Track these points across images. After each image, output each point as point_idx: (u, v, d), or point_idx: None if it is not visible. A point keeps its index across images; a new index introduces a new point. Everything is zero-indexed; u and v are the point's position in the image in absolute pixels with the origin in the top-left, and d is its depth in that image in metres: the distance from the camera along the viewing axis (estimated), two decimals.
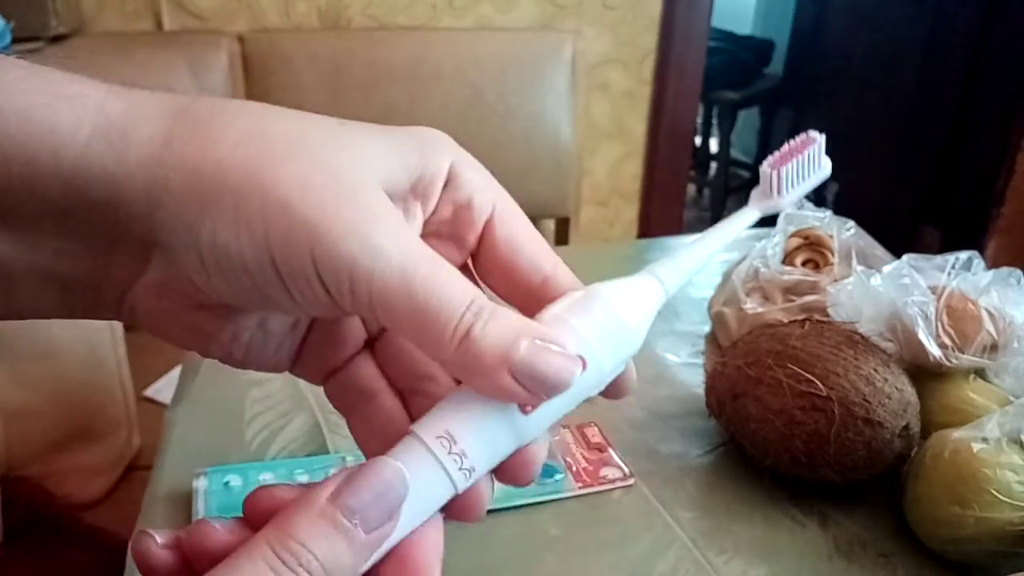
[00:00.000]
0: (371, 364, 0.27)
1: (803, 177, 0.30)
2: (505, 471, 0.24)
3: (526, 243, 0.26)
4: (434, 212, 0.25)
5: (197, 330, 0.24)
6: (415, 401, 0.27)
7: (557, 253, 0.26)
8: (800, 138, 0.30)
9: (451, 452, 0.22)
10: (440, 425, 0.22)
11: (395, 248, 0.21)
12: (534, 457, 0.24)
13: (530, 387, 0.21)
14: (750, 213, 0.29)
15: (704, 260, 0.27)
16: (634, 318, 0.24)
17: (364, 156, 0.22)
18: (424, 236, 0.25)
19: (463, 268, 0.26)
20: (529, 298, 0.26)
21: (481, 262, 0.26)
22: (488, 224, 0.26)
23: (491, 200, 0.26)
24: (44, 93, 0.20)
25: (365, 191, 0.21)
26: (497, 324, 0.21)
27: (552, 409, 0.23)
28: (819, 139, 0.30)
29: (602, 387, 0.24)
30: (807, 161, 0.30)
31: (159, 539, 0.22)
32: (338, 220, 0.20)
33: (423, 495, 0.22)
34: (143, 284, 0.22)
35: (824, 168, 0.30)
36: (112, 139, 0.20)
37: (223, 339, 0.24)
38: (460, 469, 0.22)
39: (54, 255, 0.22)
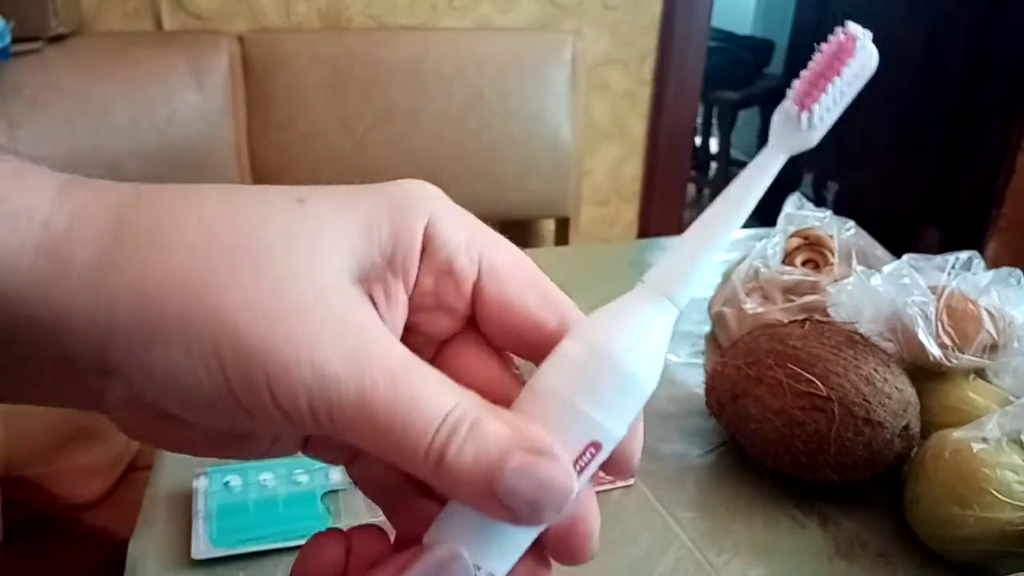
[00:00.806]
0: None
1: (843, 94, 0.22)
2: (560, 552, 0.22)
3: (520, 300, 0.23)
4: (415, 285, 0.23)
5: (176, 437, 0.22)
6: None
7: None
8: (835, 42, 0.22)
9: None
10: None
11: (350, 371, 0.19)
12: (587, 536, 0.22)
13: (522, 512, 0.19)
14: (775, 160, 0.22)
15: (718, 250, 0.22)
16: (647, 371, 0.20)
17: (324, 247, 0.20)
18: (412, 311, 0.23)
19: (462, 332, 0.24)
20: (535, 354, 0.23)
21: (480, 323, 0.24)
22: (476, 287, 0.23)
23: (475, 258, 0.23)
24: None
25: (319, 301, 0.20)
26: (477, 441, 0.19)
27: None
28: (862, 36, 0.21)
29: (614, 447, 0.21)
30: (849, 76, 0.22)
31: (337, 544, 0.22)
32: (288, 346, 0.19)
33: None
34: (110, 398, 0.21)
35: (869, 65, 0.22)
36: (56, 261, 0.19)
37: (204, 445, 0.23)
38: None
39: (9, 375, 0.20)
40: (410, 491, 0.24)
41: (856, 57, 0.21)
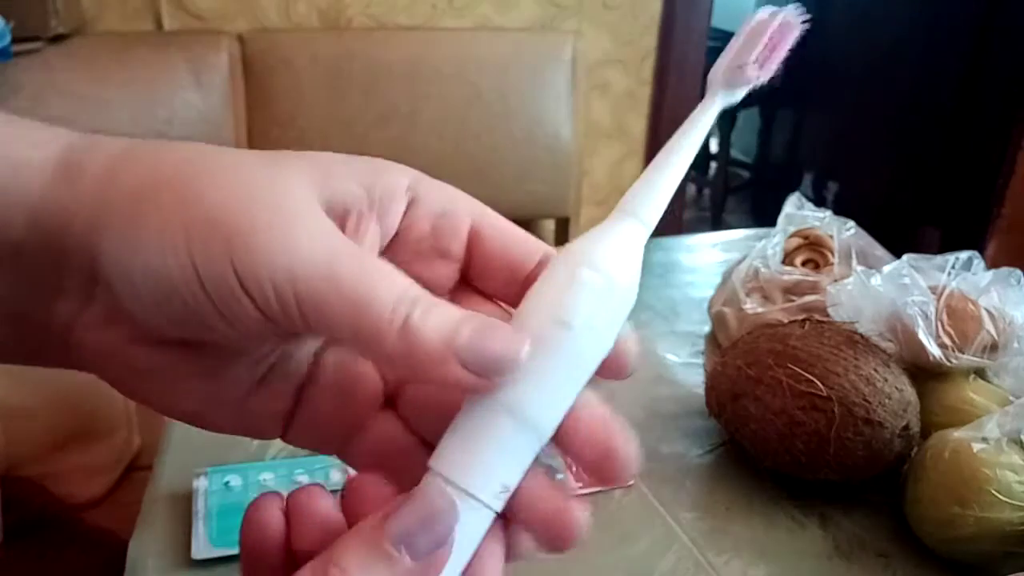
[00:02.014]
0: (394, 422, 0.25)
1: (779, 57, 0.25)
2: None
3: (516, 235, 0.25)
4: (411, 230, 0.24)
5: (140, 371, 0.23)
6: None
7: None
8: (774, 25, 0.25)
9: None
10: (467, 466, 0.21)
11: (315, 246, 0.20)
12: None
13: (479, 371, 0.20)
14: (716, 106, 0.25)
15: (679, 177, 0.25)
16: (624, 275, 0.23)
17: (303, 173, 0.22)
18: (407, 259, 0.24)
19: (458, 285, 0.26)
20: (521, 292, 0.24)
21: (474, 268, 0.25)
22: (474, 227, 0.25)
23: (467, 208, 0.25)
24: (20, 139, 0.22)
25: (290, 198, 0.21)
26: (437, 313, 0.20)
27: (562, 397, 0.23)
28: (798, 23, 0.25)
29: (606, 353, 0.23)
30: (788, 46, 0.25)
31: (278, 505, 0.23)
32: (255, 223, 0.20)
33: (466, 530, 0.21)
34: (88, 317, 0.22)
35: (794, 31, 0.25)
36: (71, 172, 0.21)
37: (170, 386, 0.23)
38: (496, 496, 0.22)
39: (6, 290, 0.22)
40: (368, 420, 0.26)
41: (794, 37, 0.25)
